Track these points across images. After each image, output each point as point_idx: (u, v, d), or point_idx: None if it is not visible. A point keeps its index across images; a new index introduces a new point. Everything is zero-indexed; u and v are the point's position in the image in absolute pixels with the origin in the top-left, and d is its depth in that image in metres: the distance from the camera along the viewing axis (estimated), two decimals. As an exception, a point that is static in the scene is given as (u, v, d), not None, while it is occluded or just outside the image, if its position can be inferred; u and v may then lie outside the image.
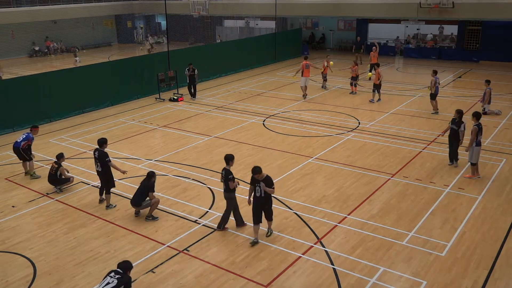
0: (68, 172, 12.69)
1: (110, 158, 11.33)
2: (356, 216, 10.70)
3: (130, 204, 10.90)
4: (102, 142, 11.37)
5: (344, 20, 36.67)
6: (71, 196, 12.14)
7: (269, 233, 9.93)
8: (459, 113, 12.94)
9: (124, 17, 43.90)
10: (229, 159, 9.80)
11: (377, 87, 20.49)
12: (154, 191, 10.76)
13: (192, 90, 22.02)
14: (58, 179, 12.30)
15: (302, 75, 21.57)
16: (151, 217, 10.76)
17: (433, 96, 18.50)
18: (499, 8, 25.85)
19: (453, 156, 13.30)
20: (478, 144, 12.26)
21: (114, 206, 11.44)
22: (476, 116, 12.35)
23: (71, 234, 10.29)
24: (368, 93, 21.96)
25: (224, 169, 9.79)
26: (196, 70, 21.61)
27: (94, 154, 11.30)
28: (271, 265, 8.96)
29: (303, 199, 11.52)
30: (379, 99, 20.77)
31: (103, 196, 11.63)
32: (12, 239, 10.16)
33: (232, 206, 10.04)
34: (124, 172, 11.54)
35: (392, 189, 12.03)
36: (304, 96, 21.66)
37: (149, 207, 10.77)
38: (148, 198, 10.73)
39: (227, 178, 9.67)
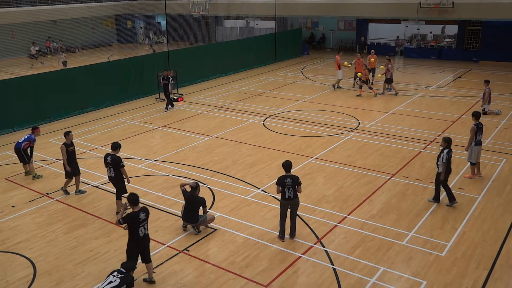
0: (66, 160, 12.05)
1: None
2: (356, 216, 10.70)
3: (184, 221, 10.18)
4: (116, 146, 10.76)
5: (344, 20, 36.67)
6: (71, 196, 12.14)
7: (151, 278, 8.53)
8: (447, 141, 10.70)
9: (124, 17, 43.91)
10: (290, 165, 9.54)
11: (389, 81, 21.78)
12: (206, 206, 10.09)
13: (167, 99, 20.04)
14: (71, 160, 11.88)
15: (339, 68, 22.73)
16: (197, 230, 10.12)
17: (388, 81, 21.46)
18: (499, 8, 25.86)
19: (449, 195, 11.07)
20: (478, 143, 12.25)
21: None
22: (476, 115, 12.35)
23: (71, 234, 10.29)
24: (366, 93, 21.99)
25: (289, 176, 9.41)
26: (171, 79, 19.86)
27: (106, 159, 10.70)
28: (271, 265, 8.96)
29: (303, 199, 11.48)
30: (396, 93, 21.89)
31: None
32: (12, 239, 10.16)
33: (296, 211, 9.76)
34: (128, 182, 10.96)
35: (392, 189, 12.03)
36: (334, 86, 23.05)
37: (204, 222, 10.14)
38: (202, 214, 10.09)
39: (297, 183, 9.38)
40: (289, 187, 9.36)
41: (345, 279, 8.46)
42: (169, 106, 20.21)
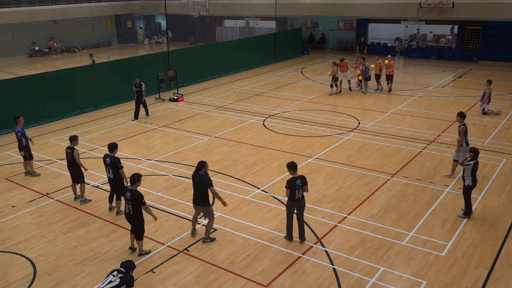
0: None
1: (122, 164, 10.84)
2: (356, 216, 10.70)
3: (193, 204, 9.71)
4: (113, 147, 10.75)
5: (344, 20, 36.68)
6: (71, 196, 12.13)
7: (140, 252, 9.36)
8: (473, 152, 10.33)
9: (124, 17, 43.93)
10: (296, 165, 9.44)
11: (378, 77, 22.11)
12: (212, 185, 9.35)
13: (138, 109, 18.85)
14: (78, 167, 11.51)
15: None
16: (208, 239, 9.70)
17: (366, 79, 21.88)
18: (499, 8, 25.86)
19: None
20: (467, 143, 12.15)
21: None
22: (462, 116, 12.18)
23: (71, 234, 10.29)
24: (361, 93, 22.01)
25: (298, 177, 9.33)
26: (143, 86, 18.58)
27: (105, 160, 10.75)
28: (271, 265, 8.96)
29: (303, 199, 11.51)
30: (378, 89, 22.35)
31: (113, 203, 11.20)
32: (12, 239, 10.16)
33: (302, 214, 9.71)
34: (127, 183, 10.78)
35: (392, 189, 12.03)
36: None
37: (205, 226, 9.77)
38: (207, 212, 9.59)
39: (305, 183, 9.36)
40: (299, 188, 9.33)
41: (345, 279, 8.46)
42: (141, 115, 19.00)
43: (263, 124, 17.84)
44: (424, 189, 11.97)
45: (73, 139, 11.68)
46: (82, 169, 11.66)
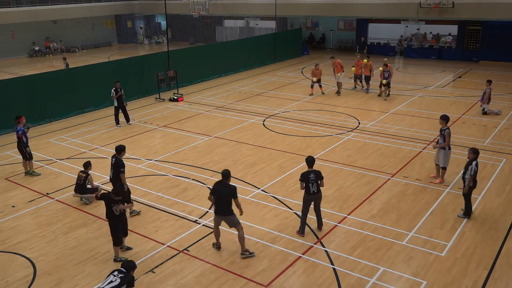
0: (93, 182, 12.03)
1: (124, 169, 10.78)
2: (356, 216, 10.70)
3: (217, 214, 9.16)
4: (121, 149, 10.69)
5: (344, 20, 36.69)
6: (71, 196, 12.13)
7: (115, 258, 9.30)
8: (475, 153, 10.23)
9: (124, 17, 43.93)
10: (313, 161, 9.87)
11: (368, 78, 22.14)
12: (237, 197, 9.03)
13: (125, 114, 18.23)
14: (86, 188, 11.71)
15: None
16: (247, 253, 9.19)
17: (389, 83, 20.93)
18: (499, 8, 25.87)
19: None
20: (450, 147, 12.03)
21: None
22: (445, 119, 11.97)
23: (71, 234, 10.30)
24: (361, 93, 22.01)
25: (312, 171, 9.69)
26: (122, 90, 17.73)
27: (112, 160, 10.81)
28: (271, 265, 8.96)
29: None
30: (366, 89, 22.48)
31: None
32: (12, 239, 10.17)
33: (319, 204, 10.03)
34: (125, 189, 10.73)
35: (392, 189, 12.03)
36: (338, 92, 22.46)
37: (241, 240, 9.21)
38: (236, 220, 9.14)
39: (320, 177, 9.69)
40: (313, 182, 9.60)
41: (345, 279, 8.47)
42: (120, 121, 18.26)
43: (263, 124, 17.84)
44: (424, 189, 11.97)
45: (88, 165, 11.78)
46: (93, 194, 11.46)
